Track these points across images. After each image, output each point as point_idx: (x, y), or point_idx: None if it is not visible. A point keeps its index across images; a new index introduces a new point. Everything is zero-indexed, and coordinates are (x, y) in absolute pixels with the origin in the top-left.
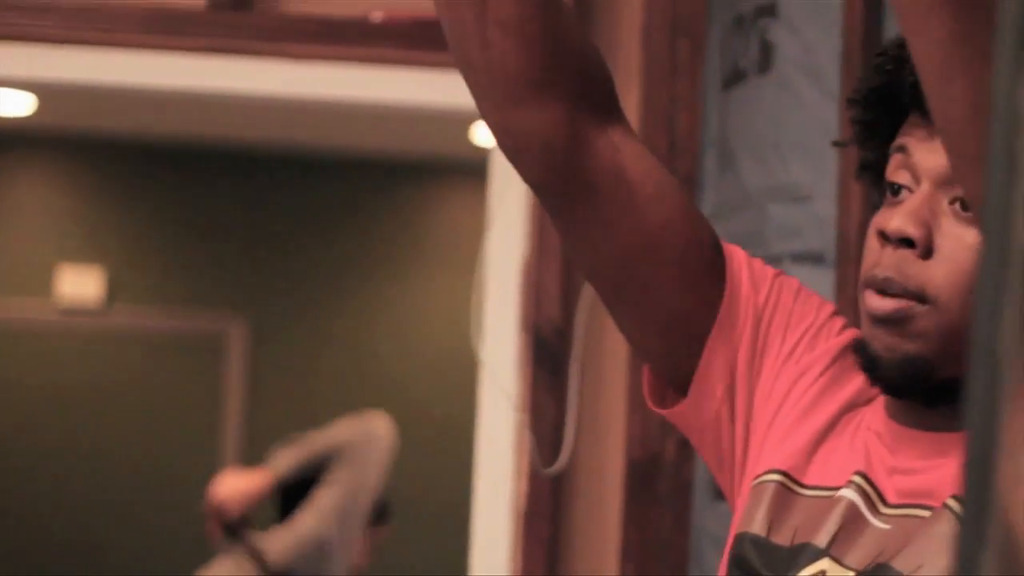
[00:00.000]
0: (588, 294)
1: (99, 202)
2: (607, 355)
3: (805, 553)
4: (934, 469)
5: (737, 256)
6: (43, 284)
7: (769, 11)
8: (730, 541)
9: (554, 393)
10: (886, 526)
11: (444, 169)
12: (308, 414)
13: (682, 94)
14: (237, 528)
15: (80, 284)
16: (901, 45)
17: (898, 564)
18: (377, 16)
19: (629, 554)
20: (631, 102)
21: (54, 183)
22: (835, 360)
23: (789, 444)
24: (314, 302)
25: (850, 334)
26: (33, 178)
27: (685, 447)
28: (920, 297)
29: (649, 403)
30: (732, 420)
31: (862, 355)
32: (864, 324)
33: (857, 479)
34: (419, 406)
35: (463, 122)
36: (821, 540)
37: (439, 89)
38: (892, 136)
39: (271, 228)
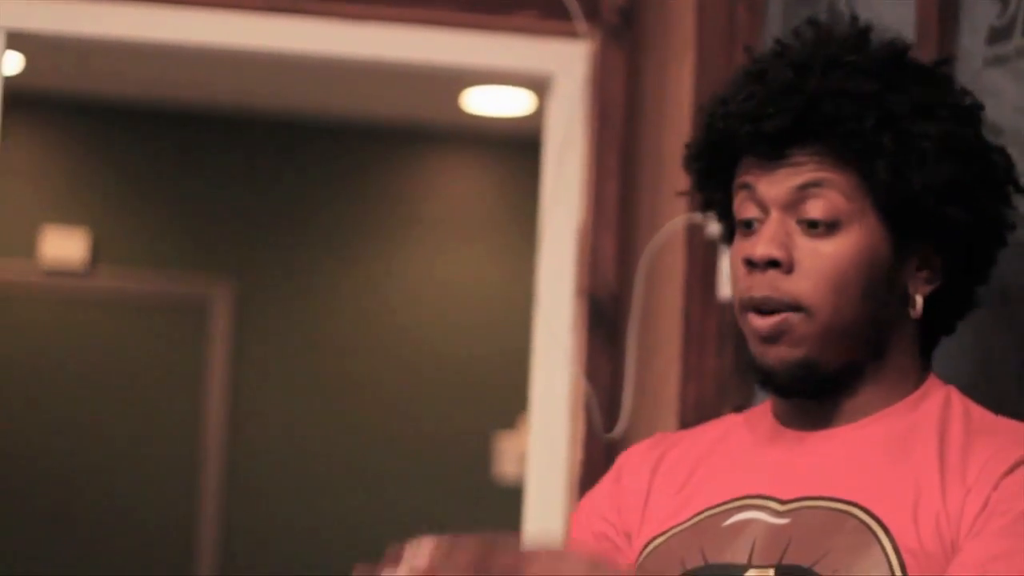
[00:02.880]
0: (645, 259)
1: (85, 164)
2: (662, 321)
3: (730, 570)
4: (822, 463)
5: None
6: (27, 246)
7: None
8: None
9: (609, 359)
10: (785, 520)
11: (437, 136)
12: (293, 377)
13: (739, 62)
14: None
15: (65, 246)
16: (724, 101)
17: (805, 556)
18: None
19: None
20: (686, 69)
21: (39, 144)
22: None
23: (662, 512)
24: (302, 267)
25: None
26: (18, 139)
27: None
28: (795, 307)
29: None
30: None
31: (757, 371)
32: (752, 344)
33: (746, 500)
34: (426, 369)
35: (454, 87)
36: (741, 558)
37: (432, 48)
38: (730, 177)
39: (259, 192)
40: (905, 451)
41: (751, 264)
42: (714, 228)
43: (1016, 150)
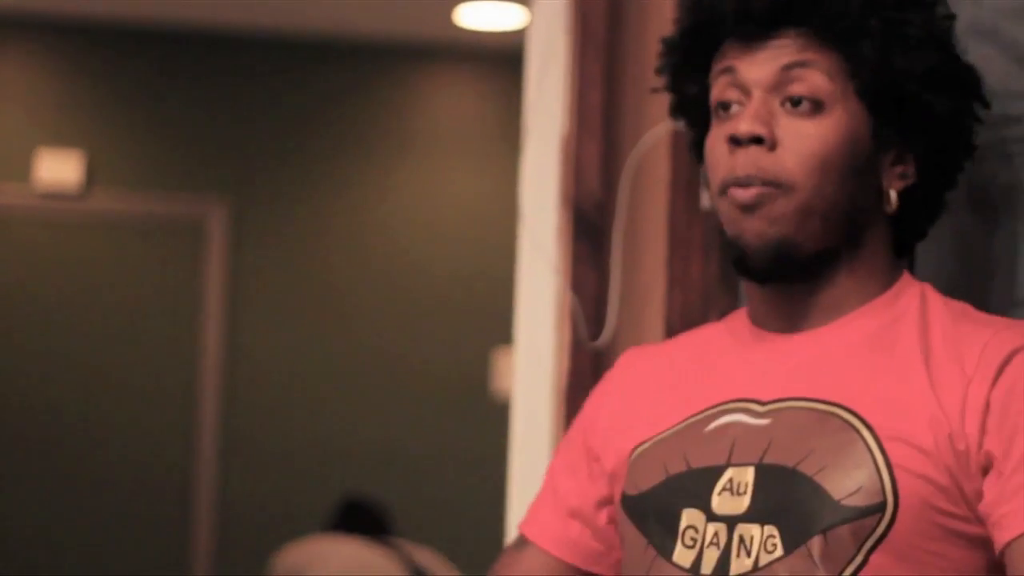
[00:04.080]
0: (630, 168)
1: (79, 85)
2: (647, 229)
3: (711, 472)
4: (802, 364)
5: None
6: (21, 169)
7: None
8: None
9: (595, 267)
10: (766, 421)
11: (430, 52)
12: (289, 296)
13: None
14: None
15: (59, 168)
16: None
17: (787, 456)
18: None
19: None
20: None
21: (32, 67)
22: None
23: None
24: (297, 186)
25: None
26: (11, 61)
27: None
28: (775, 184)
29: None
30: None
31: (733, 250)
32: (730, 221)
33: (727, 404)
34: (424, 286)
35: (447, 2)
36: (721, 459)
37: None
38: (707, 69)
39: (254, 112)
40: (885, 347)
41: (735, 141)
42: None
43: None
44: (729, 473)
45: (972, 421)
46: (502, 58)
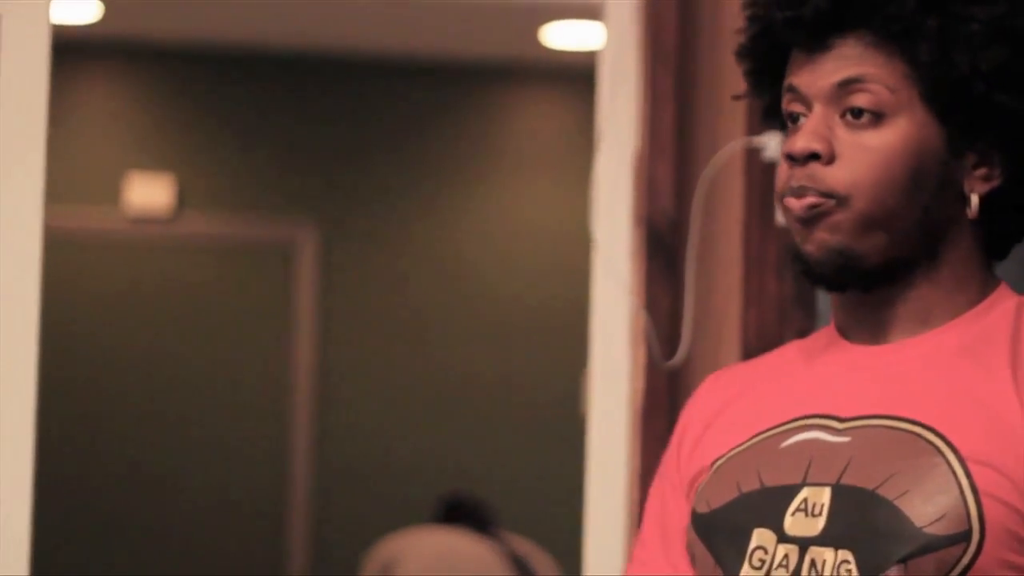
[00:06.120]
0: (703, 185)
1: (169, 109)
2: (721, 247)
3: (785, 492)
4: (884, 379)
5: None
6: (112, 193)
7: None
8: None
9: (669, 287)
10: (845, 439)
11: (515, 73)
12: (379, 317)
13: None
14: None
15: (150, 192)
16: None
17: (866, 478)
18: None
19: None
20: None
21: (123, 91)
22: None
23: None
24: (387, 209)
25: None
26: (102, 87)
27: None
28: (831, 196)
29: None
30: None
31: (797, 261)
32: (792, 233)
33: (804, 420)
34: (512, 308)
35: (534, 22)
36: (796, 478)
37: None
38: (780, 77)
39: (342, 134)
40: (974, 364)
41: (791, 159)
42: (772, 149)
43: None
44: (804, 493)
45: None
46: (586, 78)
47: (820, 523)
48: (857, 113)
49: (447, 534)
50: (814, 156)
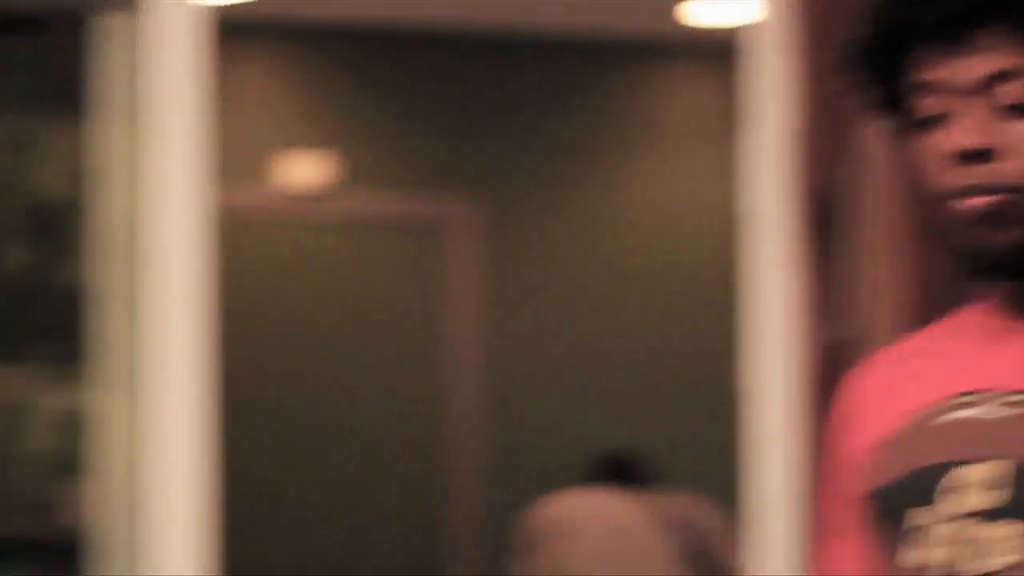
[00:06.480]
0: (863, 159)
1: (326, 88)
2: (882, 220)
3: (942, 469)
4: None
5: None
6: (269, 171)
7: None
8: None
9: (828, 260)
10: (1007, 413)
11: (660, 50)
12: (539, 295)
13: None
14: None
15: (307, 170)
16: None
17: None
18: None
19: None
20: None
21: (281, 70)
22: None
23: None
24: (541, 186)
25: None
26: (260, 65)
27: None
28: (1010, 189)
29: None
30: None
31: (972, 258)
32: (964, 231)
33: (965, 396)
34: (666, 282)
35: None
36: (955, 455)
37: None
38: (896, 72)
39: (498, 112)
40: None
41: (962, 156)
42: None
43: None
44: (963, 470)
45: None
46: (732, 54)
47: (980, 499)
48: (1013, 107)
49: (600, 496)
50: (983, 153)
